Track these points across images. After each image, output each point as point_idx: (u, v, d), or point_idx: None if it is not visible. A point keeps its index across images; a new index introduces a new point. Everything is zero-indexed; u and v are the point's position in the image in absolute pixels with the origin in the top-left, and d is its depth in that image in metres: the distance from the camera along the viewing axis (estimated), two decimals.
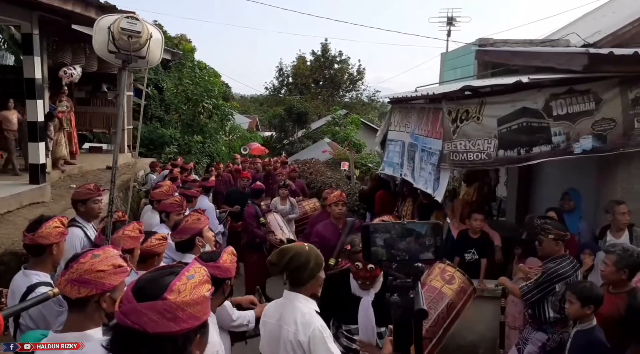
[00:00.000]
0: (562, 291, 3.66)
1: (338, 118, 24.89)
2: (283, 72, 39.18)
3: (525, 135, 4.81)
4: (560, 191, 6.34)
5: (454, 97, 5.15)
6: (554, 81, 4.77)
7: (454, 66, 9.38)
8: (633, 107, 4.59)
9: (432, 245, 1.31)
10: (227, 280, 2.35)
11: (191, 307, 1.25)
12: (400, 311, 1.22)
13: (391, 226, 1.31)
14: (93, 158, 11.58)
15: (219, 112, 18.77)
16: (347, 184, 11.58)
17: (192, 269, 1.36)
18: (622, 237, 4.49)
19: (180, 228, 3.22)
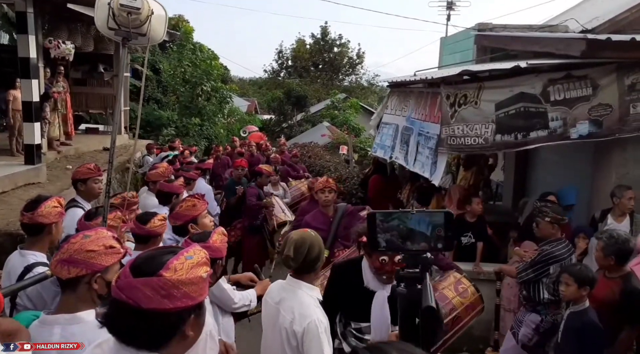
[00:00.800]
0: (556, 274, 3.72)
1: (337, 102, 24.78)
2: (282, 55, 38.86)
3: (522, 120, 4.81)
4: (556, 177, 6.38)
5: (452, 81, 5.14)
6: (552, 66, 4.77)
7: (453, 51, 9.33)
8: (629, 92, 4.60)
9: (442, 236, 1.26)
10: (218, 259, 2.37)
11: (186, 286, 1.27)
12: (406, 302, 1.20)
13: (399, 214, 1.27)
14: (89, 139, 11.54)
15: (217, 94, 18.67)
16: (346, 168, 11.58)
17: (192, 250, 1.38)
18: (623, 222, 4.55)
19: (175, 214, 3.22)
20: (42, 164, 7.05)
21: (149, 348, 1.27)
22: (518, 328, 4.03)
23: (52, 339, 1.66)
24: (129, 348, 1.27)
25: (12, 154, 7.85)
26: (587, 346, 3.05)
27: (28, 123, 6.84)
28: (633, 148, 4.86)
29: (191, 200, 3.38)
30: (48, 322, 1.72)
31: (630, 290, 3.31)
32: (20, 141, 7.75)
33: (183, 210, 3.24)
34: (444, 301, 3.45)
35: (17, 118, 7.75)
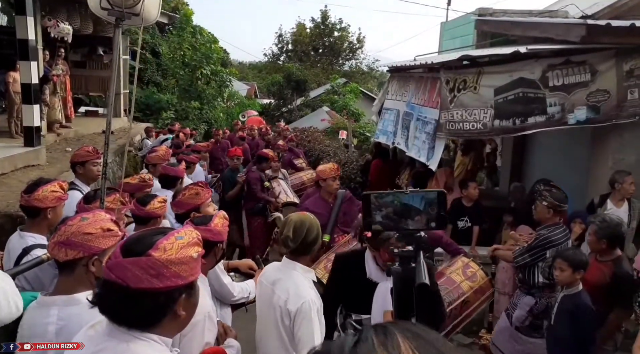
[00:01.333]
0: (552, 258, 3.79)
1: (337, 86, 24.66)
2: (282, 39, 38.56)
3: (521, 105, 4.84)
4: (553, 162, 6.42)
5: (452, 66, 5.15)
6: (552, 52, 4.78)
7: (454, 36, 9.28)
8: (627, 78, 4.62)
9: (435, 214, 1.27)
10: (219, 243, 2.37)
11: (176, 266, 1.28)
12: (401, 281, 1.20)
13: (394, 195, 1.29)
14: (89, 122, 11.53)
15: (217, 78, 18.58)
16: (345, 153, 11.60)
17: (182, 231, 1.39)
18: (622, 207, 4.60)
19: (178, 202, 3.18)
20: (41, 146, 7.06)
21: (140, 328, 1.28)
22: (513, 310, 4.10)
23: (50, 320, 1.67)
24: (120, 327, 1.29)
25: (12, 136, 7.87)
26: (580, 327, 3.11)
27: (27, 106, 6.83)
28: (630, 134, 4.89)
29: (194, 188, 3.30)
30: (45, 303, 1.72)
31: (621, 274, 3.37)
32: (18, 123, 7.76)
33: (186, 198, 3.19)
34: (452, 285, 3.37)
35: (16, 100, 7.74)
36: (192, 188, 3.31)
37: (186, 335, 1.92)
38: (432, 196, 1.26)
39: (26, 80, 6.71)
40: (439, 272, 3.53)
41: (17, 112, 7.82)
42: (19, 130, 7.65)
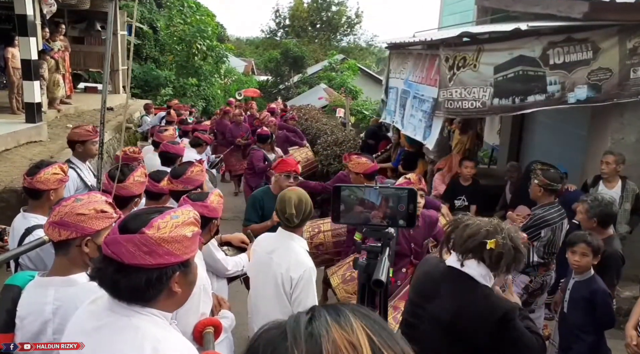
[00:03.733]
0: (547, 237, 3.83)
1: (335, 63, 24.41)
2: (279, 14, 38.02)
3: (520, 83, 4.81)
4: (551, 141, 6.44)
5: (451, 43, 5.10)
6: (553, 29, 4.72)
7: (454, 11, 9.16)
8: (630, 56, 4.57)
9: (405, 212, 1.27)
10: (214, 219, 2.45)
11: (169, 244, 1.31)
12: (365, 275, 1.20)
13: (364, 189, 1.28)
14: (89, 98, 11.46)
15: (213, 53, 18.38)
16: (342, 131, 11.57)
17: (179, 210, 1.42)
18: (614, 188, 4.60)
19: (186, 178, 3.13)
20: (43, 122, 7.06)
21: (139, 303, 1.33)
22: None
23: (47, 300, 1.70)
24: (121, 302, 1.33)
25: (13, 112, 7.85)
26: (599, 312, 3.08)
27: (27, 82, 6.80)
28: (630, 114, 4.87)
29: (198, 165, 3.33)
30: (43, 284, 1.75)
31: (609, 252, 3.38)
32: (19, 99, 7.72)
33: (195, 174, 3.17)
34: None
35: (17, 76, 7.69)
36: (196, 165, 3.34)
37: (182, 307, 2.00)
38: (402, 193, 1.25)
39: (26, 56, 6.66)
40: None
41: (17, 88, 7.77)
42: (21, 107, 7.62)
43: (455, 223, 2.08)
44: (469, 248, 1.97)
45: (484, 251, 1.92)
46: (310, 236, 4.33)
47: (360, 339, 0.63)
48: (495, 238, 1.91)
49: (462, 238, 1.98)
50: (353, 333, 0.63)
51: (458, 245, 2.00)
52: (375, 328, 0.65)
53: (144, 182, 3.02)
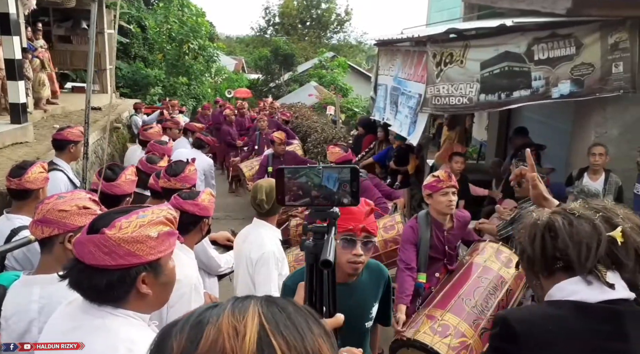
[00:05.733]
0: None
1: (325, 61, 24.43)
2: (269, 11, 37.94)
3: (506, 79, 4.87)
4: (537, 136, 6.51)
5: (438, 39, 5.14)
6: (538, 25, 4.79)
7: (441, 8, 9.22)
8: (612, 51, 4.65)
9: (349, 190, 1.26)
10: (205, 218, 2.45)
11: (129, 245, 1.27)
12: (312, 256, 1.19)
13: (307, 170, 1.27)
14: (76, 98, 11.36)
15: (204, 53, 18.35)
16: (333, 128, 11.60)
17: (150, 210, 1.37)
18: (597, 181, 4.69)
19: (184, 177, 3.15)
20: (28, 123, 6.99)
21: (110, 304, 1.31)
22: None
23: (32, 299, 1.69)
24: (93, 304, 1.32)
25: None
26: None
27: (12, 82, 6.72)
28: (612, 108, 4.96)
29: (192, 164, 3.34)
30: (28, 282, 1.74)
31: None
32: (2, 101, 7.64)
33: (192, 173, 3.19)
34: (490, 274, 3.05)
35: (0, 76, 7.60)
36: (191, 164, 3.34)
37: (173, 306, 2.00)
38: (345, 171, 1.25)
39: (9, 56, 6.58)
40: (471, 262, 3.24)
41: (1, 88, 7.69)
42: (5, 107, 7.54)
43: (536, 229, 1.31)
44: (600, 257, 1.23)
45: (617, 251, 1.23)
46: None
47: (249, 325, 0.61)
48: (620, 226, 1.24)
49: (577, 246, 1.24)
50: (243, 319, 0.62)
51: (580, 260, 1.23)
52: (274, 317, 0.63)
53: (135, 180, 3.02)
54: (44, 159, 5.70)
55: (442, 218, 3.29)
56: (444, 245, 3.29)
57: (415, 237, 3.24)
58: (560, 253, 1.25)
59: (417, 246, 3.22)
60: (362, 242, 1.91)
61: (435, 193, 3.23)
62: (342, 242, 1.90)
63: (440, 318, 2.69)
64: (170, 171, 3.13)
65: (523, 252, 1.34)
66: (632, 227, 1.25)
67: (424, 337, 2.57)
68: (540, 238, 1.28)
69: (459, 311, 2.74)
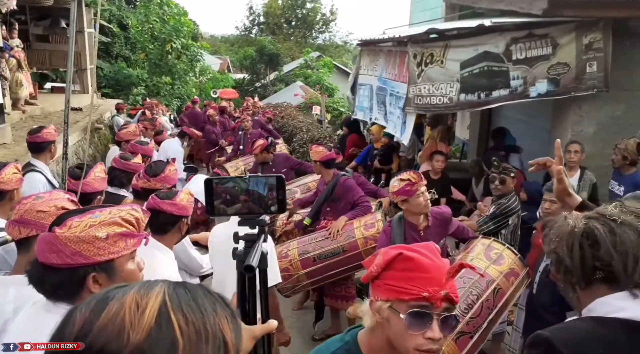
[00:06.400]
0: (513, 224, 3.98)
1: (310, 61, 24.43)
2: (254, 11, 37.82)
3: (485, 79, 4.94)
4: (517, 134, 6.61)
5: (419, 39, 5.19)
6: (515, 25, 4.86)
7: (424, 8, 9.30)
8: (586, 51, 4.75)
9: (275, 199, 1.29)
10: (184, 217, 2.43)
11: (76, 244, 1.27)
12: (241, 264, 1.19)
13: (234, 180, 1.30)
14: (56, 98, 11.19)
15: (188, 52, 18.22)
16: (319, 128, 11.62)
17: (107, 210, 1.36)
18: (572, 177, 4.78)
19: (165, 177, 3.13)
20: (6, 124, 6.88)
21: (63, 302, 1.30)
22: None
23: (8, 299, 1.67)
24: (49, 302, 1.32)
25: None
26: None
27: None
28: (588, 107, 5.07)
29: (172, 164, 3.33)
30: (4, 283, 1.72)
31: None
32: None
33: (172, 173, 3.18)
34: (476, 274, 2.84)
35: None
36: (171, 164, 3.33)
37: None
38: (272, 181, 1.29)
39: None
40: (457, 263, 3.24)
41: None
42: None
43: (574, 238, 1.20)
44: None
45: None
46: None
47: (151, 301, 0.64)
48: None
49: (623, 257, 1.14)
50: (146, 296, 0.64)
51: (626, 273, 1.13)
52: (178, 296, 0.66)
53: (105, 178, 3.00)
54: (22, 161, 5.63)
55: (416, 218, 3.19)
56: None
57: (388, 242, 3.14)
58: (602, 264, 1.15)
59: None
60: (441, 319, 1.22)
61: (411, 197, 3.10)
62: (409, 319, 1.20)
63: None
64: (150, 171, 3.11)
65: (560, 262, 1.22)
66: None
67: None
68: (579, 247, 1.17)
69: None
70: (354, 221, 4.10)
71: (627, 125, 5.09)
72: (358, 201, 4.29)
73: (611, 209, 1.23)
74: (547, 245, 1.30)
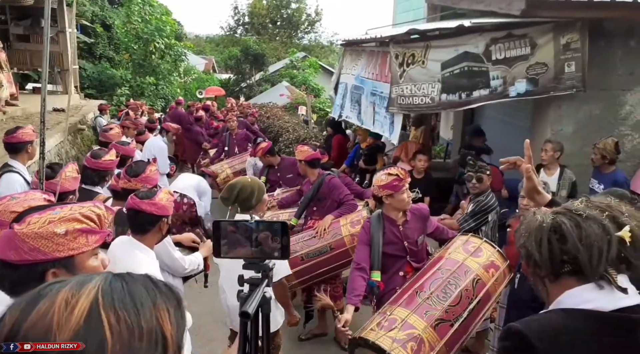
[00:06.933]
0: (492, 220, 4.04)
1: (296, 61, 24.42)
2: (238, 11, 37.68)
3: (466, 79, 5.00)
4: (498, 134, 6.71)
5: (400, 40, 5.23)
6: (495, 25, 4.93)
7: (407, 9, 9.37)
8: (564, 51, 4.83)
9: (279, 245, 1.31)
10: (164, 217, 2.43)
11: (34, 240, 1.26)
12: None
13: (241, 224, 1.33)
14: (37, 99, 10.93)
15: (172, 52, 18.10)
16: (304, 129, 11.63)
17: (68, 206, 1.36)
18: (552, 176, 4.86)
19: (146, 177, 3.12)
20: None
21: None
22: None
23: None
24: (11, 299, 1.27)
25: None
26: None
27: None
28: (567, 106, 5.16)
29: (153, 164, 3.33)
30: None
31: None
32: None
33: (153, 173, 3.17)
34: (455, 265, 2.90)
35: None
36: (152, 164, 3.33)
37: None
38: (276, 226, 1.31)
39: None
40: (436, 257, 3.16)
41: None
42: None
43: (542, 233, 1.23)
44: (611, 260, 1.17)
45: (626, 251, 1.18)
46: None
47: (82, 298, 0.63)
48: (627, 225, 1.18)
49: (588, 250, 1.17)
50: (78, 293, 0.63)
51: (592, 265, 1.17)
52: (113, 291, 0.65)
53: (77, 178, 2.98)
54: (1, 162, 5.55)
55: (396, 213, 3.23)
56: (402, 240, 3.19)
57: (367, 237, 3.18)
58: (569, 258, 1.19)
59: (370, 245, 3.16)
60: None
61: (397, 192, 3.14)
62: None
63: (389, 313, 2.60)
64: (130, 171, 3.10)
65: (529, 257, 1.27)
66: (638, 225, 1.19)
67: (368, 334, 2.48)
68: (547, 242, 1.22)
69: (409, 304, 2.64)
70: (340, 219, 4.13)
71: (605, 124, 5.21)
72: (344, 199, 4.32)
73: (577, 204, 1.27)
74: (518, 240, 1.34)
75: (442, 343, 2.52)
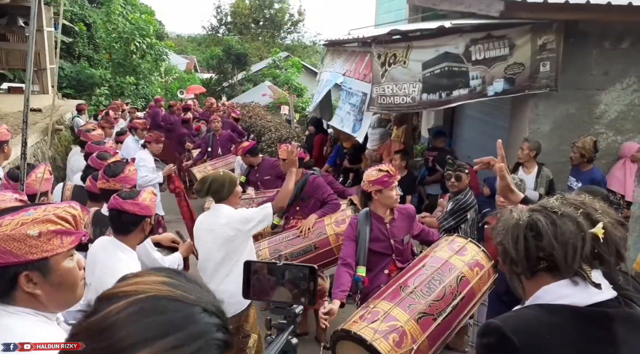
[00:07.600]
0: (472, 218, 4.11)
1: (279, 60, 24.39)
2: (221, 10, 37.44)
3: (446, 79, 5.08)
4: (477, 132, 6.82)
5: (382, 40, 5.29)
6: (474, 27, 5.02)
7: (389, 9, 9.45)
8: (540, 52, 4.96)
9: (307, 290, 1.29)
10: (147, 217, 2.42)
11: (7, 243, 1.24)
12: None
13: (271, 266, 1.32)
14: (13, 99, 10.82)
15: (152, 51, 17.91)
16: (287, 128, 11.63)
17: (42, 207, 1.33)
18: (530, 174, 4.96)
19: (124, 177, 3.09)
20: None
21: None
22: None
23: None
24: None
25: None
26: None
27: None
28: (544, 106, 5.27)
29: (132, 164, 3.30)
30: None
31: None
32: None
33: (132, 173, 3.15)
34: (439, 262, 2.94)
35: None
36: (131, 164, 3.30)
37: None
38: (305, 271, 1.29)
39: None
40: (421, 256, 3.19)
41: None
42: None
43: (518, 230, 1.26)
44: (586, 256, 1.20)
45: (600, 248, 1.20)
46: None
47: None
48: (601, 222, 1.21)
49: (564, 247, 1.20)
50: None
51: (566, 262, 1.20)
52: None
53: (50, 179, 2.94)
54: None
55: (383, 210, 3.26)
56: (389, 238, 3.20)
57: (354, 233, 3.20)
58: (545, 254, 1.22)
59: (357, 241, 3.18)
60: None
61: (386, 188, 3.17)
62: None
63: (372, 306, 2.62)
64: (109, 171, 3.07)
65: (506, 254, 1.29)
66: (611, 222, 1.22)
67: (350, 326, 2.51)
68: (523, 239, 1.24)
69: (392, 299, 2.66)
70: (325, 218, 4.14)
71: (581, 122, 5.34)
72: (327, 199, 4.33)
73: (552, 202, 1.30)
74: (495, 237, 1.36)
75: (425, 336, 2.53)
